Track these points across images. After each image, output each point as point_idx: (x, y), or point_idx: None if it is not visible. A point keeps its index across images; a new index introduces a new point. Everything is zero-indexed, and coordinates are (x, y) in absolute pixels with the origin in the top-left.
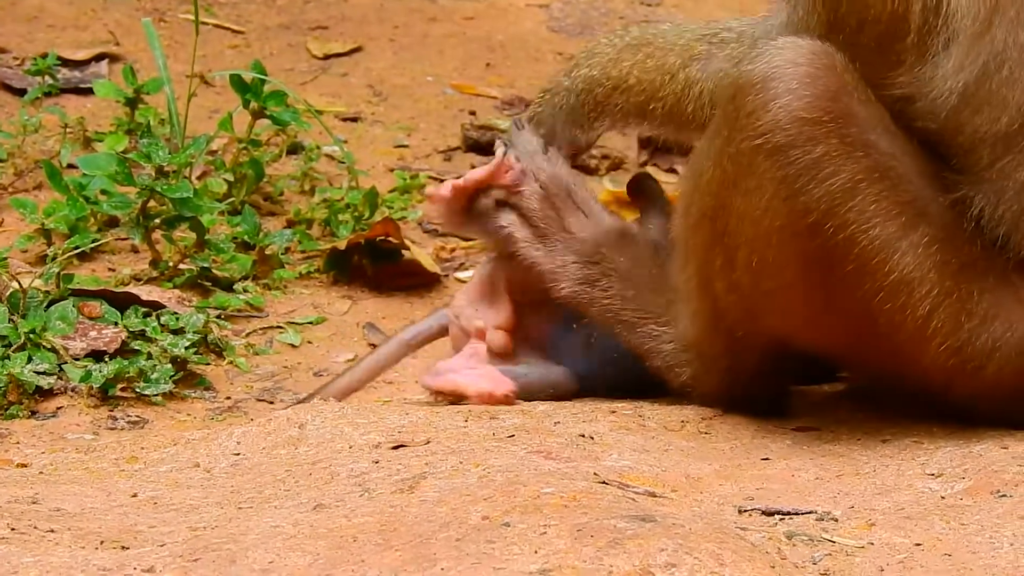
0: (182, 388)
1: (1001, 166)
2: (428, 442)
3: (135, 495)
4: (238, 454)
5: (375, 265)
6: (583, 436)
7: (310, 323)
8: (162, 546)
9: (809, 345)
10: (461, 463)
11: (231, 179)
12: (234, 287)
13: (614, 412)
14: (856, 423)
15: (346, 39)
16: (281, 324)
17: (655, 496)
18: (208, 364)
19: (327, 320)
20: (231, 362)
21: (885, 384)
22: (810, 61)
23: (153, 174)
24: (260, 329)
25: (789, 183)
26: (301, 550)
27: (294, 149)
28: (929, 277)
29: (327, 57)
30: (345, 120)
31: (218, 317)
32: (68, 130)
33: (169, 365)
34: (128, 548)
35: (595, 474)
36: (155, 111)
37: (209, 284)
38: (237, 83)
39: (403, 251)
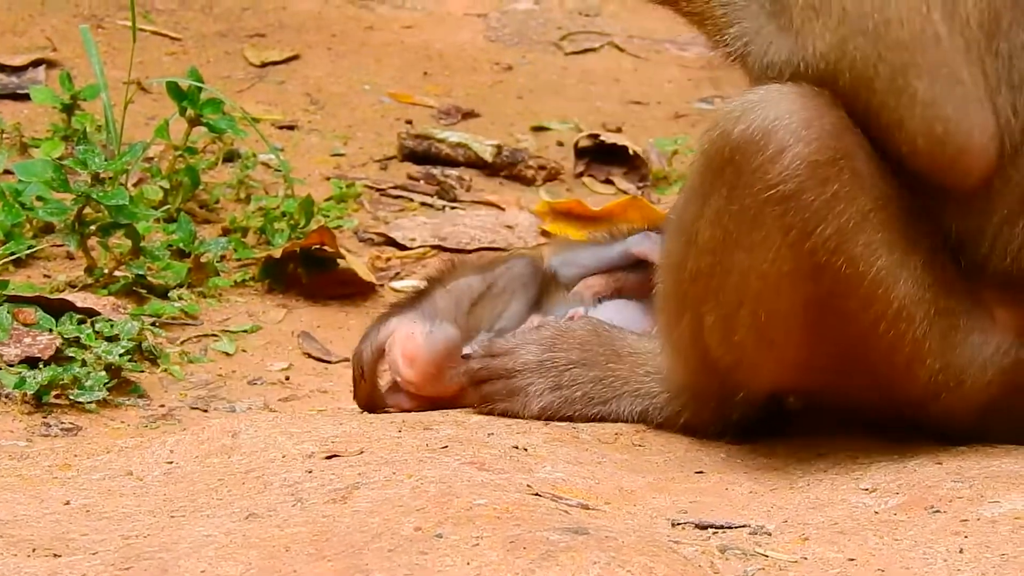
0: (116, 395)
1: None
2: (362, 452)
3: (68, 503)
4: (171, 462)
5: (310, 274)
6: (517, 448)
7: (245, 331)
8: (94, 554)
9: (800, 388)
10: (394, 473)
11: (167, 186)
12: (169, 295)
13: (548, 425)
14: (791, 438)
15: (283, 47)
16: (216, 332)
17: (588, 508)
18: (142, 372)
19: (262, 328)
20: (165, 370)
21: (864, 413)
22: (804, 105)
23: (89, 181)
24: (195, 337)
25: (799, 228)
26: (233, 559)
27: (230, 157)
28: (926, 299)
29: (264, 65)
30: (282, 128)
31: (153, 325)
32: (4, 136)
33: (103, 372)
34: (60, 556)
35: (528, 486)
36: (92, 117)
37: (144, 291)
38: (174, 90)
39: (338, 260)
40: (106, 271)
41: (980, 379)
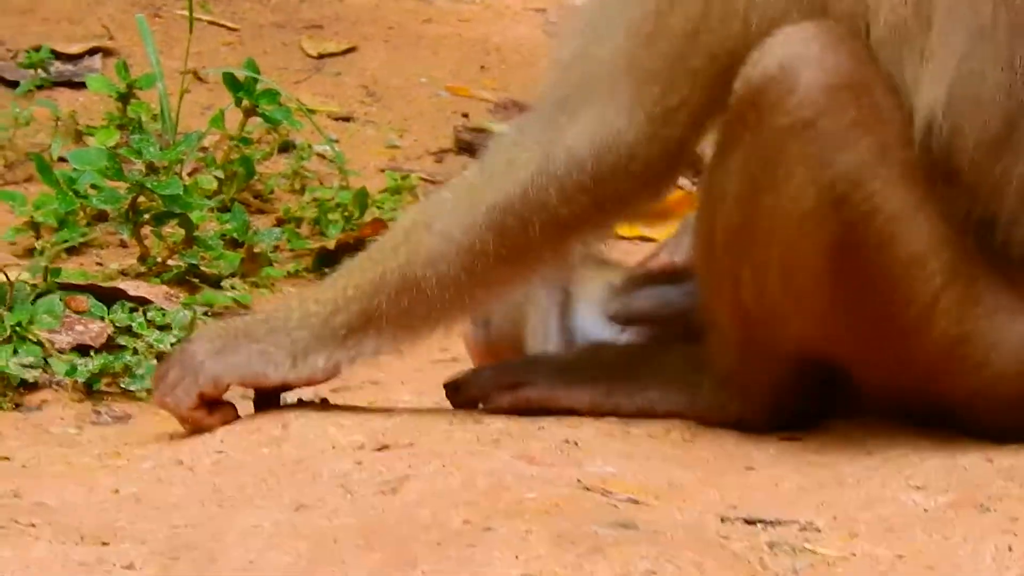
0: None
1: (1002, 167)
2: (412, 444)
3: (117, 491)
4: (221, 452)
5: None
6: (567, 442)
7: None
8: (142, 543)
9: (826, 349)
10: (444, 466)
11: (221, 176)
12: (222, 284)
13: (599, 419)
14: (841, 434)
15: (340, 39)
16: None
17: (637, 503)
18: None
19: None
20: None
21: (888, 389)
22: (820, 36)
23: (144, 170)
24: None
25: (818, 157)
26: (281, 549)
27: (285, 148)
28: (941, 255)
29: (321, 56)
30: (337, 120)
31: (205, 314)
32: (59, 124)
33: (155, 361)
34: (108, 544)
35: (578, 480)
36: (147, 106)
37: (197, 281)
38: (229, 81)
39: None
40: (159, 260)
41: (1009, 365)
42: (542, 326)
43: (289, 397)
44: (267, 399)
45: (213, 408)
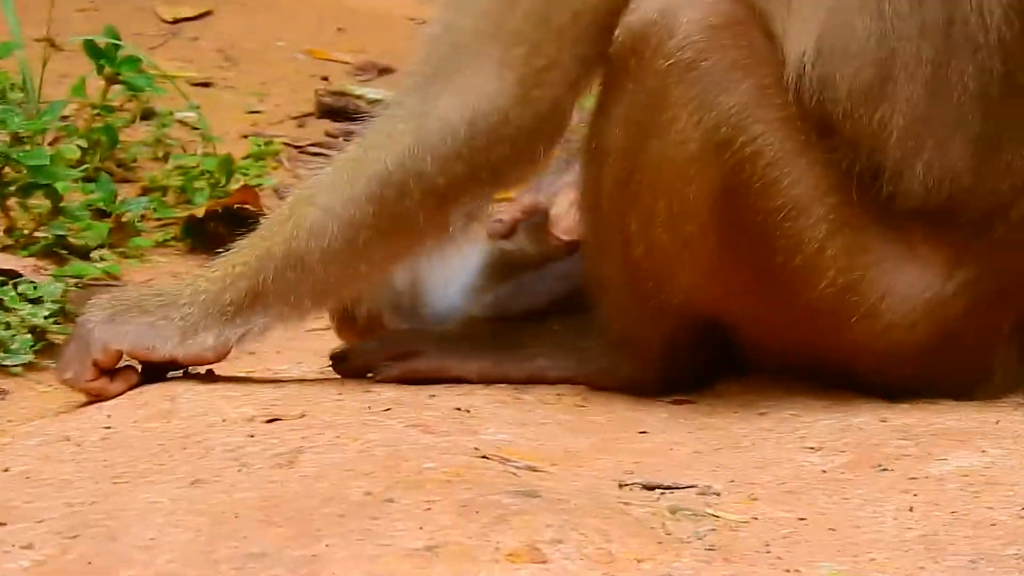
0: (42, 358)
1: (879, 118)
2: (303, 415)
3: (7, 469)
4: (109, 427)
5: (232, 233)
6: (460, 410)
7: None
8: (40, 522)
9: (715, 303)
10: (338, 437)
11: (84, 145)
12: (90, 255)
13: (489, 387)
14: (733, 396)
15: (196, 3)
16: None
17: (536, 471)
18: (68, 334)
19: None
20: None
21: (779, 345)
22: None
23: (8, 140)
24: None
25: (700, 100)
26: (182, 526)
27: (146, 115)
28: (826, 200)
29: (176, 21)
30: (196, 85)
31: (76, 286)
32: None
33: (28, 335)
34: (5, 524)
35: (475, 449)
36: (7, 76)
37: (65, 252)
38: (91, 49)
39: (261, 219)
40: (26, 232)
41: (898, 315)
42: (397, 303)
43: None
44: (154, 373)
45: (114, 376)
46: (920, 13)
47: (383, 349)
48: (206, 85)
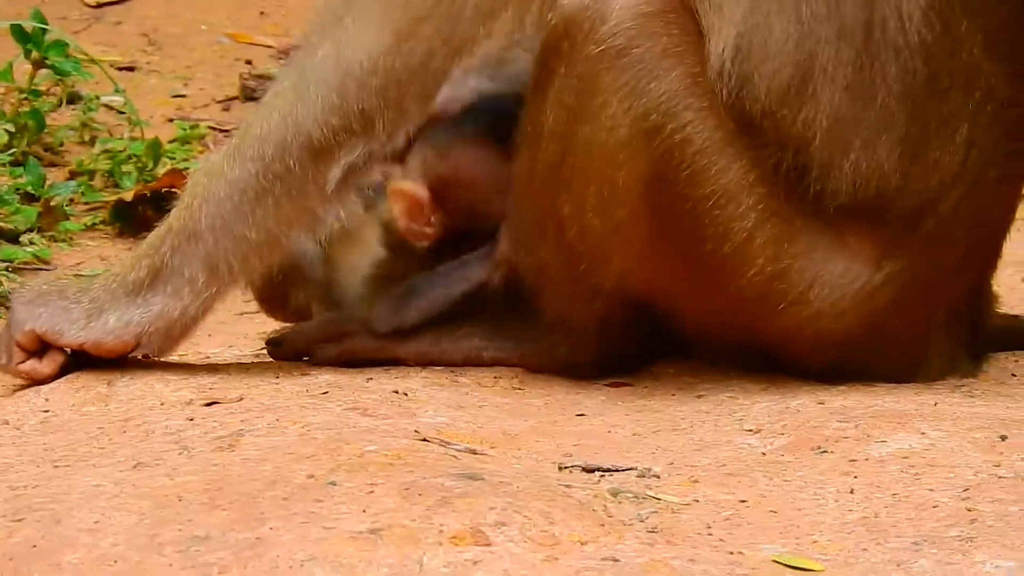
0: None
1: (803, 119)
2: (241, 399)
3: None
4: (47, 411)
5: (160, 216)
6: (397, 392)
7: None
8: None
9: (648, 287)
10: (278, 420)
11: (11, 130)
12: (20, 239)
13: (426, 369)
14: (669, 379)
15: None
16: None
17: (476, 453)
18: (1, 317)
19: None
20: None
21: (710, 330)
22: None
23: None
24: None
25: (631, 86)
26: (126, 510)
27: (71, 99)
28: (755, 190)
29: (100, 5)
30: (121, 69)
31: (6, 270)
32: None
33: None
34: None
35: (415, 431)
36: None
37: None
38: (18, 33)
39: None
40: None
41: (826, 304)
42: (320, 295)
43: None
44: (83, 356)
45: (42, 357)
46: (838, 16)
47: (319, 331)
48: (130, 69)
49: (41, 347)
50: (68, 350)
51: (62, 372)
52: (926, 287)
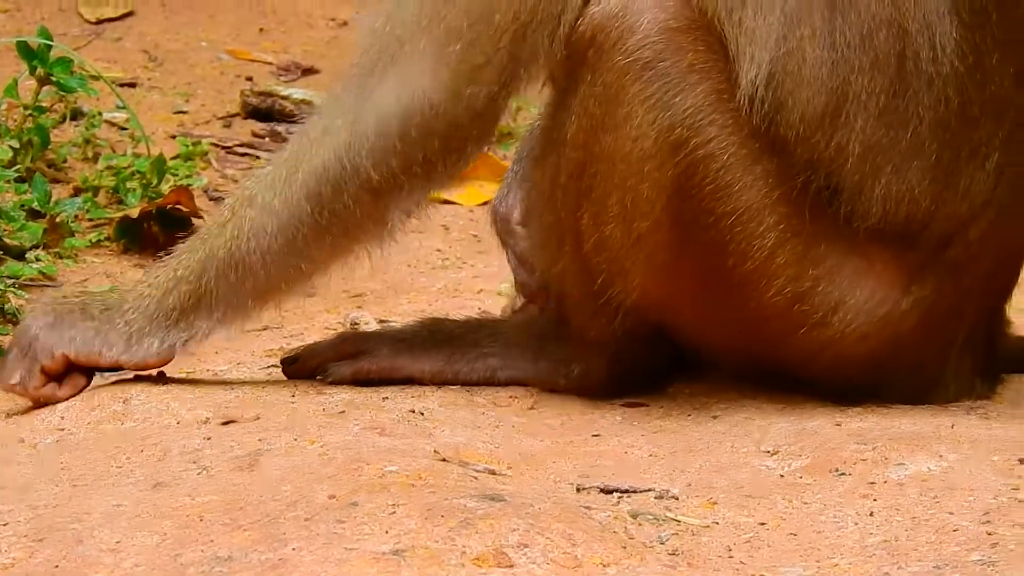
0: None
1: (836, 143)
2: (258, 418)
3: None
4: (63, 429)
5: (166, 233)
6: (414, 412)
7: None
8: (4, 525)
9: (667, 303)
10: (296, 440)
11: (16, 146)
12: (26, 256)
13: (441, 387)
14: (684, 399)
15: (118, 3)
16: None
17: (495, 474)
18: (6, 334)
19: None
20: None
21: (729, 348)
22: None
23: None
24: None
25: (657, 99)
26: (148, 530)
27: (73, 115)
28: (777, 210)
29: (100, 22)
30: (122, 86)
31: (12, 286)
32: None
33: None
34: None
35: (435, 451)
36: None
37: (0, 252)
38: (23, 49)
39: (194, 219)
40: None
41: (850, 327)
42: None
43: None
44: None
45: (62, 380)
46: (871, 47)
47: (334, 349)
48: (132, 85)
49: (65, 371)
50: (97, 374)
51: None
52: (949, 311)
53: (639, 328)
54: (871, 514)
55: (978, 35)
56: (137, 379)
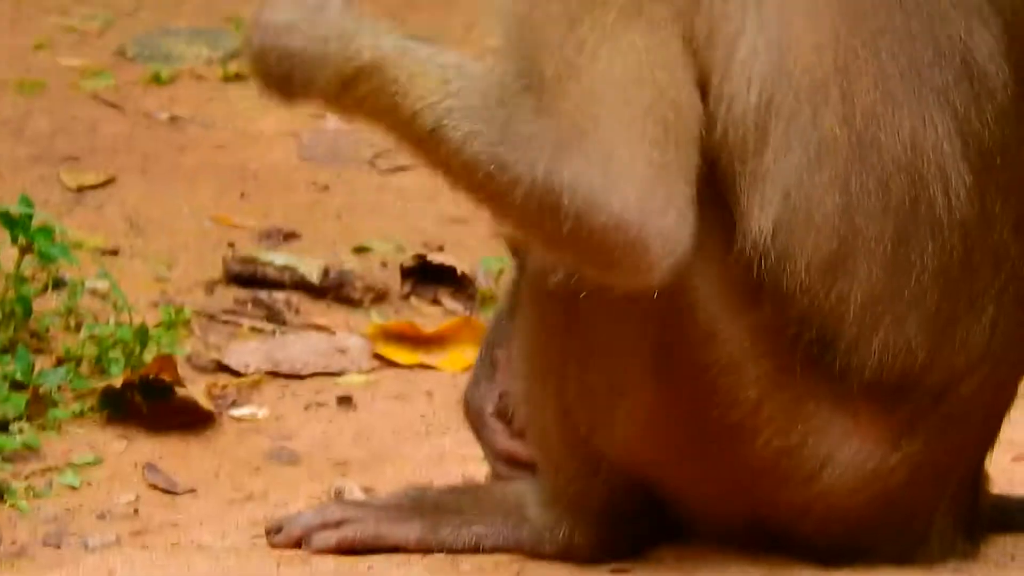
0: None
1: (836, 292)
2: None
3: None
4: None
5: (150, 403)
6: None
7: (88, 464)
8: None
9: (652, 459)
10: None
11: None
12: (9, 428)
13: (426, 555)
14: (672, 564)
15: (98, 170)
16: (59, 465)
17: None
18: None
19: (104, 460)
20: (12, 505)
21: (716, 507)
22: None
23: None
24: (39, 471)
25: None
26: None
27: (56, 284)
28: (761, 363)
29: (80, 189)
30: (104, 254)
31: None
32: None
33: None
34: None
35: None
36: None
37: None
38: (5, 218)
39: (177, 388)
40: None
41: (839, 482)
42: None
43: (89, 541)
44: None
45: None
46: (886, 191)
47: (319, 518)
48: (114, 253)
49: None
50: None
51: None
52: (938, 467)
53: (623, 486)
54: None
55: (984, 179)
56: (121, 548)
